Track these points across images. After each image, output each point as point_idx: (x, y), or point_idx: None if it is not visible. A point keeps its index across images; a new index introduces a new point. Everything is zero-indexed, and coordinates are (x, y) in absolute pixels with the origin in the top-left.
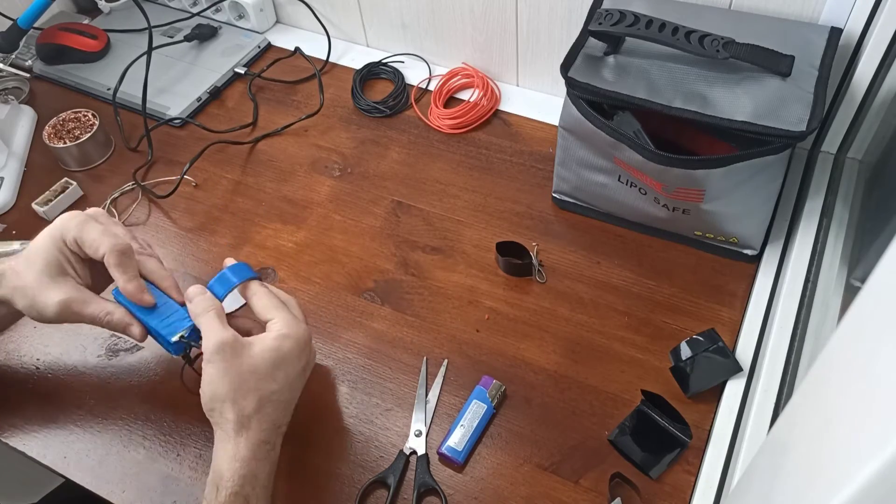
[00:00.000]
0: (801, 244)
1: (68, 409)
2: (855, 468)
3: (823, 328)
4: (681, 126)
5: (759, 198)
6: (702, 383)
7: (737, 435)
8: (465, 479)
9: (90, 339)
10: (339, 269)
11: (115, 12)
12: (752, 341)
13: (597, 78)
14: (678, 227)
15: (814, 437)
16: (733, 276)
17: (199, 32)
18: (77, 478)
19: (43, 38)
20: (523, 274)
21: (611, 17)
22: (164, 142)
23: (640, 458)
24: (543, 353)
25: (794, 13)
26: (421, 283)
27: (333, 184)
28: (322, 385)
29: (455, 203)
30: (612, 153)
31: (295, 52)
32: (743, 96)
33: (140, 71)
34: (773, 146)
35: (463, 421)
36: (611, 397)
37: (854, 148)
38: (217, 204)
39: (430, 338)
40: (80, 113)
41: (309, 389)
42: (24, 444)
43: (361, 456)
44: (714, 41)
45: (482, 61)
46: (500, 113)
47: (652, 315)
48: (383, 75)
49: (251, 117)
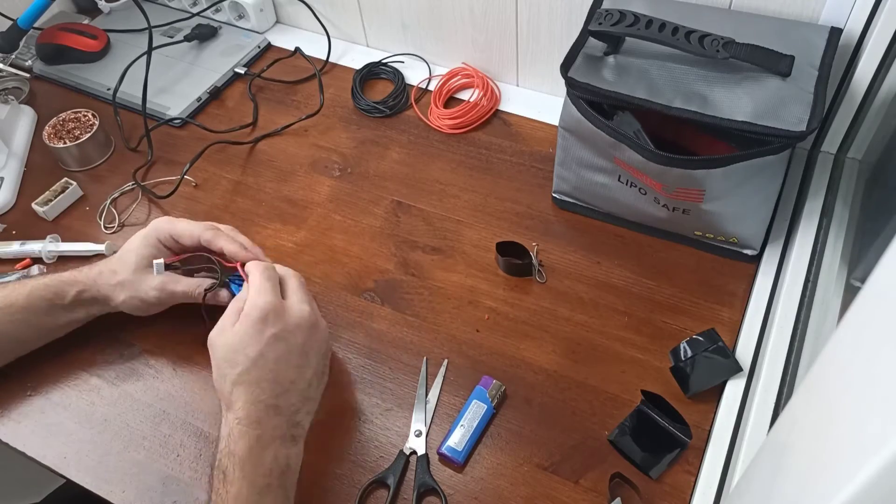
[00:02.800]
0: (801, 244)
1: (68, 408)
2: (855, 468)
3: (823, 328)
4: (681, 126)
5: (759, 198)
6: (702, 383)
7: (737, 435)
8: (465, 479)
9: (90, 338)
10: (339, 269)
11: (115, 12)
12: (752, 341)
13: (597, 78)
14: (678, 227)
15: (814, 437)
16: (733, 276)
17: (199, 32)
18: (77, 478)
19: (43, 38)
20: (523, 274)
21: (611, 17)
22: (164, 142)
23: (640, 458)
24: (543, 353)
25: (794, 13)
26: (421, 283)
27: (333, 184)
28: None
29: (455, 203)
30: (612, 153)
31: (295, 52)
32: (743, 96)
33: (140, 71)
34: (773, 146)
35: (463, 421)
36: (611, 397)
37: (854, 148)
38: (217, 204)
39: (430, 338)
40: (80, 113)
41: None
42: (24, 444)
43: (361, 456)
44: (714, 41)
45: (482, 61)
46: (500, 113)
47: (652, 315)
48: (383, 75)
49: (251, 117)
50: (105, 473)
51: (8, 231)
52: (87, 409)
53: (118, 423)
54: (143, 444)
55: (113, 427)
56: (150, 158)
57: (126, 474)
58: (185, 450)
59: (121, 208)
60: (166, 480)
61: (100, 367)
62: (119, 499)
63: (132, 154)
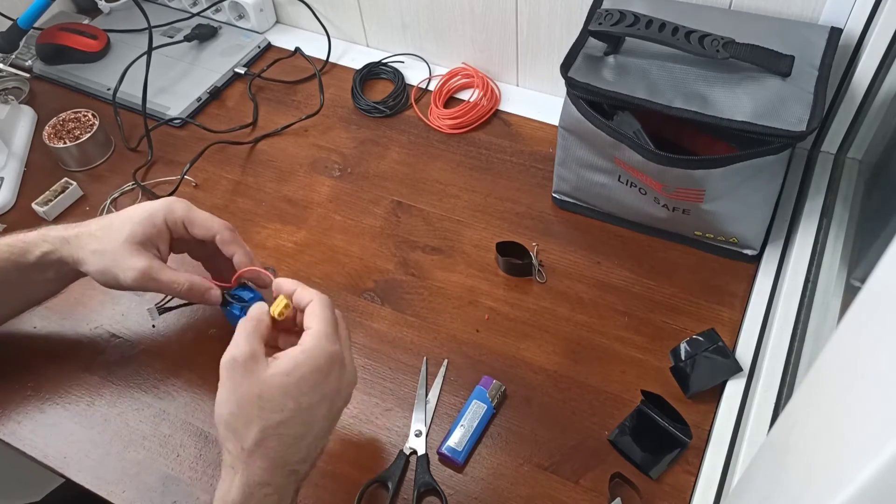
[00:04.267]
0: (801, 244)
1: (68, 408)
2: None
3: (823, 328)
4: (681, 126)
5: (759, 198)
6: (702, 383)
7: (737, 435)
8: (465, 479)
9: (90, 338)
10: (339, 269)
11: (115, 12)
12: (752, 341)
13: (597, 78)
14: (678, 227)
15: (814, 437)
16: (733, 276)
17: (199, 32)
18: (77, 478)
19: (43, 38)
20: (523, 274)
21: (611, 17)
22: (164, 142)
23: (640, 458)
24: (543, 353)
25: (794, 13)
26: (421, 283)
27: (333, 184)
28: None
29: (455, 203)
30: (612, 153)
31: (295, 52)
32: (743, 96)
33: (140, 71)
34: (773, 146)
35: (463, 421)
36: (611, 397)
37: (854, 148)
38: (217, 204)
39: (430, 338)
40: (80, 113)
41: None
42: (24, 444)
43: (361, 456)
44: (714, 41)
45: (482, 61)
46: (500, 113)
47: (652, 315)
48: (383, 75)
49: (251, 117)
50: (105, 473)
51: (8, 231)
52: (87, 409)
53: (118, 423)
54: (143, 444)
55: (113, 427)
56: (150, 158)
57: (126, 474)
58: (185, 450)
59: (121, 208)
60: (166, 480)
61: (100, 366)
62: (119, 499)
63: (132, 154)
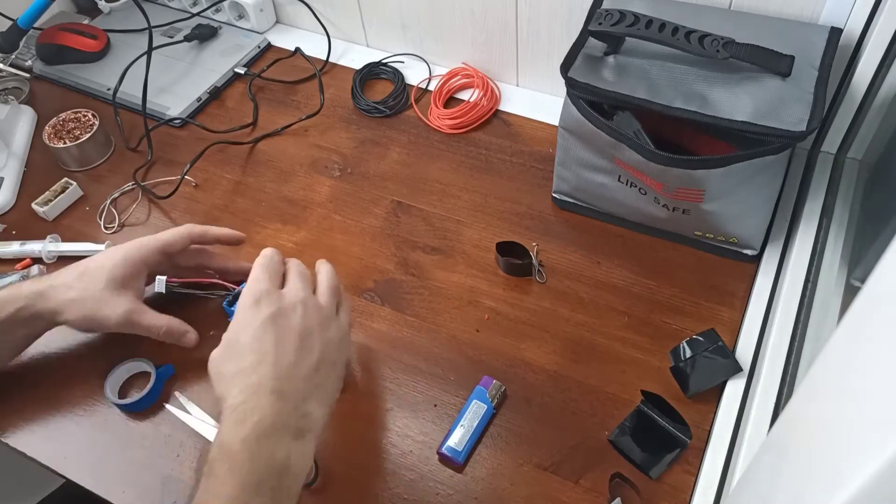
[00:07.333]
0: (801, 244)
1: (68, 408)
2: (854, 469)
3: (823, 328)
4: (681, 126)
5: (759, 198)
6: (702, 383)
7: (737, 435)
8: (465, 479)
9: (90, 338)
10: (339, 269)
11: (115, 12)
12: (752, 341)
13: (597, 78)
14: (678, 227)
15: (813, 437)
16: (733, 276)
17: (199, 32)
18: (77, 478)
19: (43, 38)
20: (523, 274)
21: (611, 17)
22: (164, 142)
23: (640, 458)
24: (543, 353)
25: (794, 13)
26: (421, 283)
27: (333, 184)
28: None
29: (455, 203)
30: (612, 153)
31: (295, 52)
32: (743, 96)
33: (140, 71)
34: (773, 146)
35: (463, 421)
36: (611, 397)
37: (854, 148)
38: (217, 204)
39: (430, 338)
40: (80, 113)
41: None
42: (24, 444)
43: (361, 456)
44: (714, 41)
45: (482, 61)
46: (500, 113)
47: (652, 315)
48: (383, 75)
49: (251, 117)
50: (105, 473)
51: (8, 231)
52: (87, 409)
53: (118, 423)
54: (143, 444)
55: (113, 427)
56: (150, 158)
57: (126, 474)
58: (185, 450)
59: (121, 208)
60: (166, 480)
61: (100, 367)
62: (119, 499)
63: (132, 154)
